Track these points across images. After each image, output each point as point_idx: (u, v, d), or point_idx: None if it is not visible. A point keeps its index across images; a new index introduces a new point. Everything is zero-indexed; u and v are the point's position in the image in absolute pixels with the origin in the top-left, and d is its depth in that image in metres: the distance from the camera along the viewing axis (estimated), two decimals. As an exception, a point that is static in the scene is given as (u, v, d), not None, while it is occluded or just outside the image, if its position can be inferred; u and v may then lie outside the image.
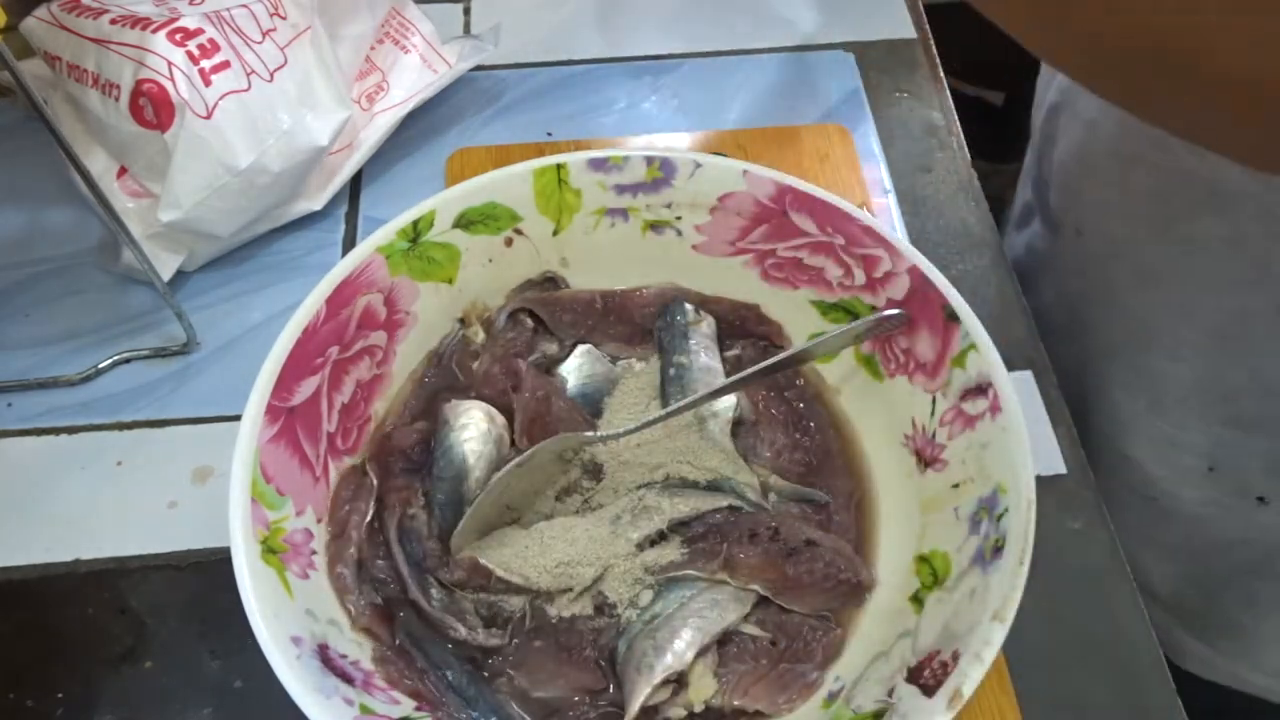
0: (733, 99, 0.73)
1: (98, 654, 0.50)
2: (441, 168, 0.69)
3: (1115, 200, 0.60)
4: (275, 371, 0.47)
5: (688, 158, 0.55)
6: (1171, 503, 0.64)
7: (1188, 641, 0.69)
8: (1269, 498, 0.60)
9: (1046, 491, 0.50)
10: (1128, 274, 0.60)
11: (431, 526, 0.49)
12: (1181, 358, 0.59)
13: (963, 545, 0.45)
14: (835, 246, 0.53)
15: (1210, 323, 0.57)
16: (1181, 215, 0.56)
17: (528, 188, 0.55)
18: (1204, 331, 0.57)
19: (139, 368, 0.60)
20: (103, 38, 0.58)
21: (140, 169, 0.60)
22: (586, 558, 0.47)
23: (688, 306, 0.56)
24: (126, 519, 0.54)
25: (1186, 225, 0.56)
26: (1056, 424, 0.58)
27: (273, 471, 0.45)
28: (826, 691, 0.45)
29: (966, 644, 0.40)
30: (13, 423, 0.58)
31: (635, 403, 0.54)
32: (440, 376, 0.55)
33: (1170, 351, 0.59)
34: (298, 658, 0.40)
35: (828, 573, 0.47)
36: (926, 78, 0.74)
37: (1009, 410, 0.46)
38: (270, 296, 0.63)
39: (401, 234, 0.52)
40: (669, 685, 0.45)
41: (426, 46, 0.70)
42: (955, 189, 0.68)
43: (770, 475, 0.52)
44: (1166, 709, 0.49)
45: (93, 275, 0.63)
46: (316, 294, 0.49)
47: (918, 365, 0.51)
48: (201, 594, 0.52)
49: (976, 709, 0.48)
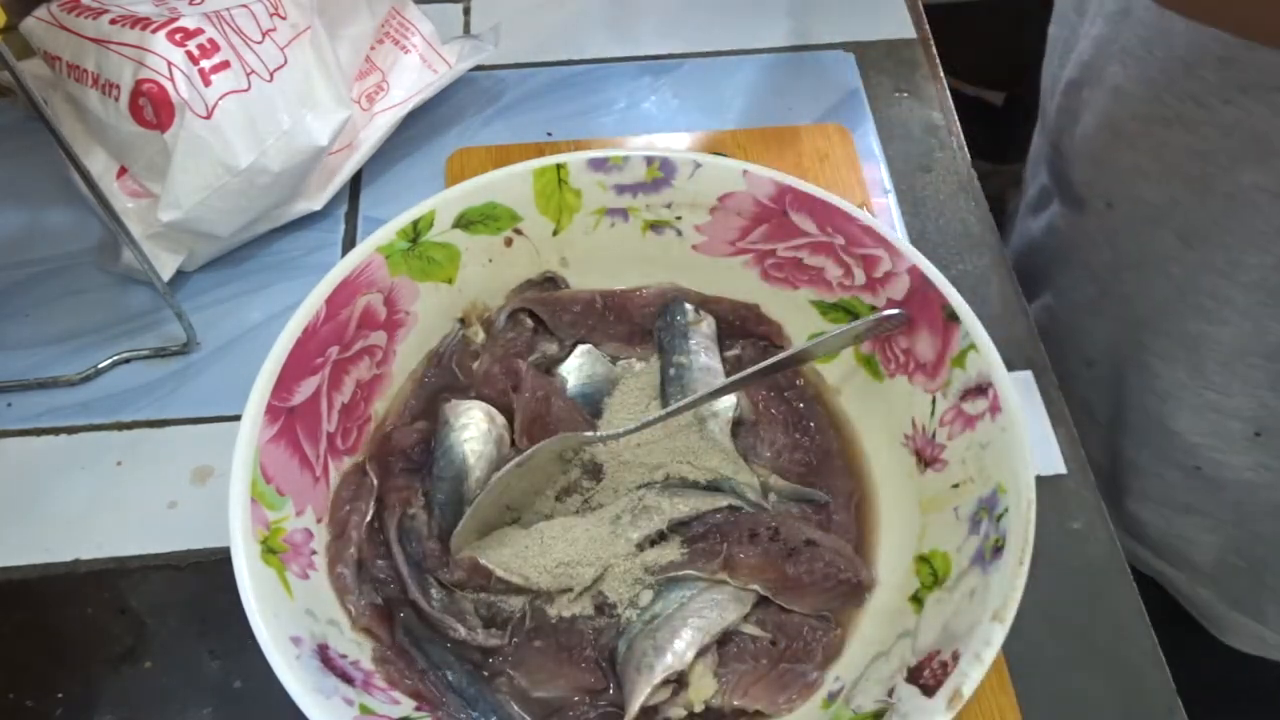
0: (733, 99, 0.73)
1: (98, 654, 0.50)
2: (441, 168, 0.69)
3: (1150, 165, 0.59)
4: (275, 371, 0.47)
5: (688, 158, 0.55)
6: (1216, 470, 0.63)
7: (1234, 617, 0.69)
8: None
9: (1046, 491, 0.50)
10: (1169, 239, 0.60)
11: (431, 526, 0.49)
12: (1224, 320, 0.58)
13: (963, 545, 0.45)
14: (835, 246, 0.53)
15: (1254, 278, 0.56)
16: (1222, 171, 0.55)
17: (528, 188, 0.55)
18: (1247, 289, 0.57)
19: (139, 368, 0.60)
20: (102, 38, 0.58)
21: (140, 169, 0.60)
22: (586, 558, 0.47)
23: (688, 306, 0.56)
24: (126, 519, 0.54)
25: (1228, 181, 0.55)
26: (1056, 424, 0.58)
27: (273, 471, 0.45)
28: (826, 691, 0.45)
29: (966, 644, 0.40)
30: (13, 423, 0.58)
31: (635, 403, 0.54)
32: (440, 376, 0.55)
33: (1212, 313, 0.59)
34: (297, 658, 0.40)
35: (828, 573, 0.47)
36: (926, 78, 0.74)
37: (1009, 410, 0.46)
38: (270, 296, 0.63)
39: (401, 234, 0.52)
40: (669, 685, 0.45)
41: (426, 46, 0.70)
42: (955, 189, 0.68)
43: (770, 475, 0.52)
44: (1166, 709, 0.49)
45: (93, 275, 0.63)
46: (316, 294, 0.49)
47: (918, 365, 0.51)
48: (201, 594, 0.52)
49: (976, 709, 0.48)
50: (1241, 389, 0.60)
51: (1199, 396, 0.62)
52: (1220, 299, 0.58)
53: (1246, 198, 0.55)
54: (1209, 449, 0.63)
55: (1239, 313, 0.58)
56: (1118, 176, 0.62)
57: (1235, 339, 0.59)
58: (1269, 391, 0.59)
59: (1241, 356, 0.59)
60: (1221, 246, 0.57)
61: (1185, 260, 0.59)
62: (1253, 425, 0.61)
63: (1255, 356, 0.59)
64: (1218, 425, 0.62)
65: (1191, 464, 0.64)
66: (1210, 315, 0.59)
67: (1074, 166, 0.67)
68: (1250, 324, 0.58)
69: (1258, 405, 0.60)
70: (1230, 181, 0.55)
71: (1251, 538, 0.65)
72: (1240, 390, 0.60)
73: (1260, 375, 0.59)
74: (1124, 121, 0.60)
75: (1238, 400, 0.60)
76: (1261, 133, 0.53)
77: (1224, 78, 0.53)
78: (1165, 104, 0.57)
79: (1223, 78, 0.53)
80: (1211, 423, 0.62)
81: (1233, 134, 0.54)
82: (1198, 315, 0.60)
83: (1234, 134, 0.54)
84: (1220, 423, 0.62)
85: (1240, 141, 0.54)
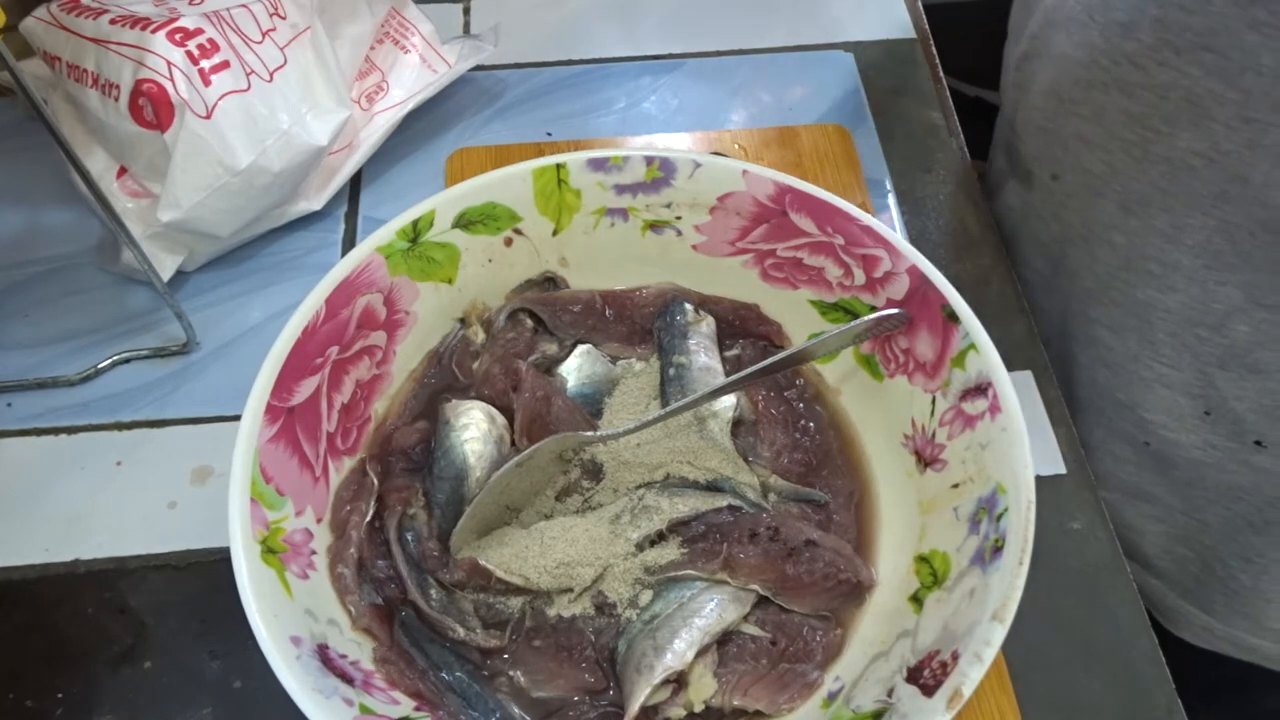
0: (733, 99, 0.73)
1: (98, 654, 0.50)
2: (441, 168, 0.69)
3: (1092, 133, 0.59)
4: (275, 371, 0.47)
5: (688, 158, 0.55)
6: (1168, 449, 0.63)
7: (1184, 608, 0.68)
8: (1266, 441, 0.59)
9: (1046, 491, 0.50)
10: (1112, 208, 0.59)
11: (431, 527, 0.49)
12: (1172, 285, 0.58)
13: (962, 545, 0.45)
14: (835, 246, 0.53)
15: (1199, 240, 0.56)
16: (1160, 135, 0.55)
17: (527, 188, 0.55)
18: (1193, 252, 0.56)
19: (138, 368, 0.60)
20: (102, 38, 0.58)
21: (140, 169, 0.60)
22: (586, 558, 0.47)
23: (687, 306, 0.56)
24: (126, 519, 0.54)
25: (1166, 145, 0.55)
26: (1056, 424, 0.58)
27: (272, 471, 0.45)
28: (826, 691, 0.45)
29: (966, 644, 0.40)
30: (12, 423, 0.58)
31: (635, 403, 0.54)
32: (440, 376, 0.55)
33: (1160, 278, 0.58)
34: (297, 658, 0.40)
35: (828, 572, 0.47)
36: (926, 78, 0.74)
37: (1009, 410, 0.46)
38: (270, 296, 0.63)
39: (401, 234, 0.52)
40: (669, 685, 0.45)
41: (426, 46, 0.70)
42: (955, 189, 0.68)
43: (770, 475, 0.52)
44: (1166, 709, 0.49)
45: (93, 275, 0.63)
46: (316, 294, 0.49)
47: (917, 365, 0.51)
48: (201, 594, 0.52)
49: (976, 709, 0.48)
50: (1191, 363, 0.59)
51: (1149, 369, 0.61)
52: (1167, 264, 0.58)
53: (1184, 161, 0.54)
54: (1159, 426, 0.63)
55: (1185, 277, 0.57)
56: (1063, 146, 0.62)
57: (1183, 307, 0.58)
58: (1217, 369, 0.59)
59: (1190, 327, 0.58)
60: (1164, 211, 0.56)
61: (1128, 228, 0.59)
62: (1202, 404, 0.60)
63: (1203, 328, 0.58)
64: (1169, 402, 0.62)
65: (1142, 439, 0.64)
66: (1159, 281, 0.58)
67: (1024, 141, 0.67)
68: (1198, 288, 0.57)
69: (1206, 384, 0.59)
70: (1167, 146, 0.55)
71: (1199, 527, 0.65)
72: (1190, 364, 0.59)
73: (1209, 351, 0.59)
74: (1068, 87, 0.60)
75: (1187, 375, 0.60)
76: (1195, 95, 0.52)
77: (1159, 39, 0.52)
78: (1102, 67, 0.56)
79: (1158, 38, 0.52)
80: (1162, 399, 0.62)
81: (1168, 96, 0.53)
82: (1146, 282, 0.59)
83: (1169, 97, 0.53)
84: (1171, 399, 0.61)
85: (1175, 104, 0.53)
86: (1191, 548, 0.66)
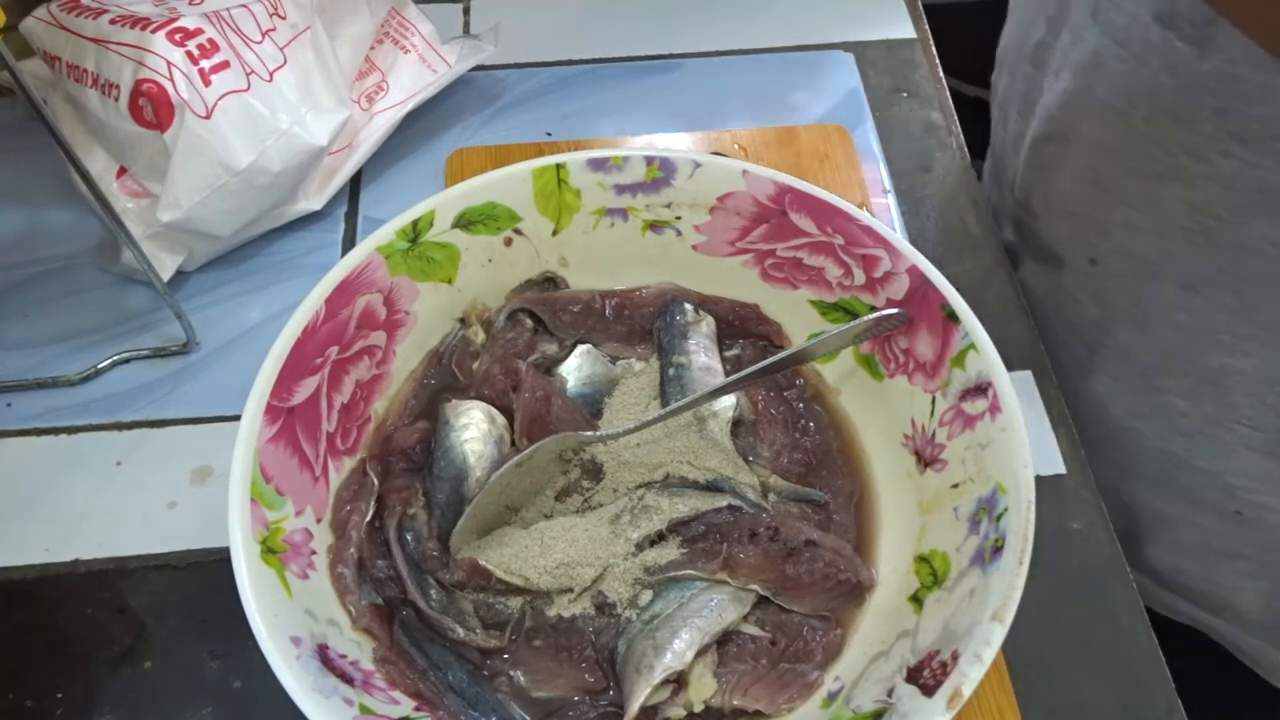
0: (733, 99, 0.73)
1: (98, 654, 0.50)
2: (441, 168, 0.69)
3: (1142, 220, 0.57)
4: (275, 371, 0.47)
5: (687, 158, 0.55)
6: (1257, 514, 0.61)
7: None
8: None
9: (1046, 491, 0.50)
10: (1172, 289, 0.58)
11: (431, 527, 0.49)
12: (1246, 351, 0.57)
13: (962, 545, 0.45)
14: (835, 246, 0.53)
15: (1273, 318, 0.55)
16: (1225, 224, 0.54)
17: (527, 188, 0.55)
18: (1268, 327, 0.55)
19: (138, 368, 0.60)
20: (102, 38, 0.58)
21: (140, 169, 0.60)
22: (586, 558, 0.47)
23: (687, 306, 0.56)
24: (126, 519, 0.54)
25: (1234, 233, 0.54)
26: (1056, 424, 0.58)
27: (272, 471, 0.45)
28: (826, 691, 0.45)
29: (966, 644, 0.40)
30: (12, 423, 0.58)
31: (635, 403, 0.54)
32: (440, 376, 0.55)
33: (1232, 346, 0.57)
34: (297, 658, 0.40)
35: (827, 572, 0.47)
36: (926, 78, 0.74)
37: (1009, 410, 0.46)
38: (270, 296, 0.63)
39: (401, 234, 0.52)
40: (669, 685, 0.45)
41: (426, 46, 0.70)
42: (955, 189, 0.68)
43: (770, 475, 0.52)
44: (1166, 709, 0.49)
45: (93, 275, 0.63)
46: (316, 294, 0.49)
47: (917, 365, 0.51)
48: (201, 594, 0.52)
49: (976, 709, 0.48)
50: (1274, 422, 0.58)
51: (1231, 432, 0.60)
52: (1238, 335, 0.56)
53: (1256, 248, 0.53)
54: (1246, 490, 0.61)
55: (1261, 344, 0.56)
56: (1102, 232, 0.61)
57: (1260, 368, 0.57)
58: None
59: (1271, 385, 0.57)
60: (1233, 292, 0.55)
61: (1192, 307, 0.57)
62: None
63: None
64: (1254, 465, 0.60)
65: (1231, 509, 0.62)
66: (1230, 348, 0.57)
67: (1044, 223, 0.66)
68: (1274, 352, 0.56)
69: None
70: (1236, 233, 0.54)
71: None
72: (1273, 424, 0.58)
73: None
74: (1110, 177, 0.59)
75: (1272, 435, 0.58)
76: (1269, 185, 0.51)
77: (1220, 129, 0.51)
78: (1155, 158, 0.55)
79: (1219, 129, 0.51)
80: (1247, 462, 0.60)
81: (1234, 187, 0.52)
82: (1216, 350, 0.58)
83: (1235, 186, 0.52)
84: (1256, 462, 0.59)
85: (1244, 194, 0.52)
86: None
